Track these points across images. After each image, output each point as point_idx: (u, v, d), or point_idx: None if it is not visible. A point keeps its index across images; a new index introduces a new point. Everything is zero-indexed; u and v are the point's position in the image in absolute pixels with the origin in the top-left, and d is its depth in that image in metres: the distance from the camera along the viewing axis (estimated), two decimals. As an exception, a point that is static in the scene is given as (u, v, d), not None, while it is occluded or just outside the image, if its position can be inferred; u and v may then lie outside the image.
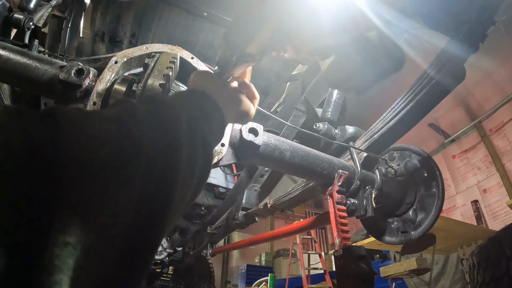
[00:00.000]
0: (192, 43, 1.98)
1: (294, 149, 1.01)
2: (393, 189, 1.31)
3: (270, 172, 1.60)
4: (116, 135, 0.29)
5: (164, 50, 0.87)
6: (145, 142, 0.31)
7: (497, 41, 4.12)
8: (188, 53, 0.92)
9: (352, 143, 1.27)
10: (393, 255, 4.60)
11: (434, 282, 4.05)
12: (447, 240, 3.23)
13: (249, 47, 0.54)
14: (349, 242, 0.97)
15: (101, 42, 2.01)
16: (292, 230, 1.82)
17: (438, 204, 1.24)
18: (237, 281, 7.33)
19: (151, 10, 1.81)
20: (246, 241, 2.39)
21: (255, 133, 0.90)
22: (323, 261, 5.57)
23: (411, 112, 1.08)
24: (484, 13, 0.94)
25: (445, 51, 1.02)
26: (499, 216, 5.01)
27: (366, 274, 0.87)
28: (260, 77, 2.22)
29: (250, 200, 1.57)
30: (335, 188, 1.05)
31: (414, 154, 1.35)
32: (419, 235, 1.25)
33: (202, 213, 2.94)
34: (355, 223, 5.99)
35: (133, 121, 0.32)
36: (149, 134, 0.33)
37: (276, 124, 1.84)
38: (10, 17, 1.02)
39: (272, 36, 0.53)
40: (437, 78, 1.01)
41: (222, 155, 0.84)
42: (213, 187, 2.82)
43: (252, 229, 3.23)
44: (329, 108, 1.36)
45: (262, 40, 0.53)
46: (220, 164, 0.87)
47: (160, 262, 3.21)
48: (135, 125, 0.32)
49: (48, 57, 0.81)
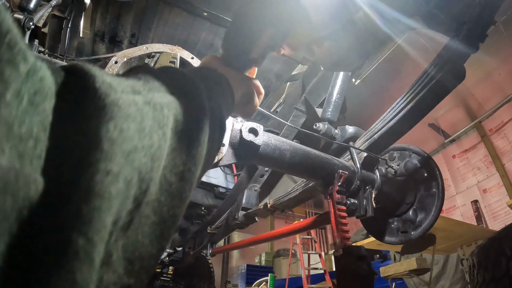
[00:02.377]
0: (192, 43, 1.98)
1: (294, 149, 1.01)
2: (393, 189, 1.31)
3: (270, 172, 1.60)
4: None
5: (164, 50, 0.87)
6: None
7: (497, 41, 4.12)
8: (188, 53, 0.92)
9: (352, 143, 1.27)
10: (393, 255, 4.60)
11: (434, 282, 4.05)
12: (447, 240, 3.23)
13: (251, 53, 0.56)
14: (349, 242, 0.97)
15: (101, 42, 2.01)
16: (292, 230, 1.82)
17: (438, 204, 1.24)
18: (237, 281, 7.33)
19: (151, 10, 1.81)
20: (246, 241, 2.39)
21: (255, 133, 0.90)
22: (323, 261, 5.57)
23: (411, 112, 1.08)
24: (484, 13, 0.94)
25: (445, 51, 1.02)
26: (499, 216, 5.01)
27: (366, 274, 0.87)
28: (260, 77, 2.23)
29: (250, 200, 1.57)
30: (335, 188, 1.05)
31: (414, 154, 1.35)
32: (419, 235, 1.25)
33: (202, 213, 2.94)
34: (355, 223, 5.99)
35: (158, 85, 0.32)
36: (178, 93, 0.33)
37: (276, 124, 1.84)
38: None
39: (272, 37, 0.54)
40: (437, 78, 1.01)
41: (222, 155, 0.84)
42: (213, 187, 2.82)
43: (252, 229, 3.23)
44: (329, 108, 1.36)
45: (263, 44, 0.54)
46: (220, 164, 0.87)
47: (160, 262, 3.22)
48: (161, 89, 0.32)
49: (48, 57, 0.81)
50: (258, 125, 0.92)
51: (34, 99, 0.19)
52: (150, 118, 0.27)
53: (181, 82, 0.36)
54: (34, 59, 0.20)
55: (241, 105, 0.61)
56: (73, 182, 0.21)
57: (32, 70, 0.19)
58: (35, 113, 0.19)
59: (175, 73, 0.38)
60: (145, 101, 0.27)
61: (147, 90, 0.29)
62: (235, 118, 0.92)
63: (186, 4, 1.77)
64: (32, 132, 0.19)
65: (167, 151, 0.29)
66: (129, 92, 0.26)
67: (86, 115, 0.22)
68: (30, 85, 0.19)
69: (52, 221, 0.19)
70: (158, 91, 0.31)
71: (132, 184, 0.24)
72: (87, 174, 0.21)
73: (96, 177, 0.21)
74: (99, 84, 0.24)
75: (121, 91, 0.25)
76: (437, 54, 1.05)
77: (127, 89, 0.26)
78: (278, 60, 2.10)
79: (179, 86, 0.34)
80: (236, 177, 2.76)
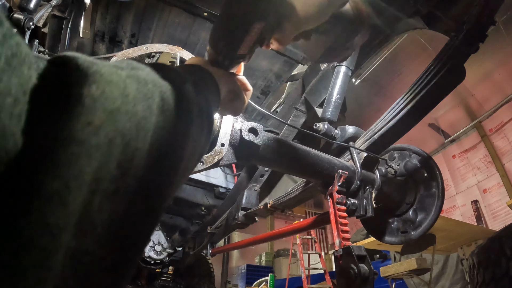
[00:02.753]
0: (192, 43, 1.98)
1: (294, 149, 1.01)
2: (393, 189, 1.31)
3: (270, 172, 1.60)
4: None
5: (164, 50, 0.87)
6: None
7: (497, 41, 4.12)
8: (188, 53, 0.92)
9: (352, 143, 1.27)
10: (393, 255, 4.60)
11: (434, 282, 4.05)
12: (447, 240, 3.23)
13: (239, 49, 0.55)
14: (349, 242, 0.97)
15: (101, 42, 2.01)
16: (292, 230, 1.82)
17: (438, 204, 1.24)
18: (237, 281, 7.33)
19: (151, 10, 1.81)
20: (246, 241, 2.39)
21: (255, 133, 0.90)
22: (323, 261, 5.57)
23: (411, 112, 1.08)
24: (484, 13, 0.94)
25: (445, 51, 1.02)
26: (499, 216, 5.01)
27: (366, 274, 0.87)
28: (260, 77, 2.22)
29: (250, 200, 1.57)
30: (335, 188, 1.05)
31: (414, 154, 1.35)
32: (419, 235, 1.25)
33: (202, 213, 2.95)
34: (355, 223, 5.99)
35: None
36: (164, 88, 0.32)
37: (276, 124, 1.84)
38: (10, 17, 1.02)
39: (260, 32, 0.53)
40: (437, 78, 1.01)
41: (222, 155, 0.84)
42: (213, 187, 2.82)
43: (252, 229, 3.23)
44: (329, 108, 1.35)
45: (251, 39, 0.54)
46: (220, 164, 0.87)
47: (160, 262, 3.22)
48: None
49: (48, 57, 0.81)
50: (258, 125, 0.92)
51: (11, 61, 0.19)
52: (134, 89, 0.27)
53: (166, 70, 0.36)
54: (9, 25, 0.20)
55: (228, 102, 0.61)
56: (53, 135, 0.21)
57: (9, 34, 0.20)
58: (13, 75, 0.19)
59: (159, 64, 0.38)
60: (128, 75, 0.27)
61: (131, 68, 0.29)
62: (235, 118, 0.93)
63: (186, 4, 1.77)
64: (11, 91, 0.19)
65: (153, 128, 0.28)
66: (112, 67, 0.26)
67: (69, 83, 0.22)
68: (7, 47, 0.19)
69: (28, 166, 0.19)
70: (142, 70, 0.31)
71: (115, 144, 0.24)
72: (67, 126, 0.21)
73: (76, 126, 0.21)
74: (82, 60, 0.24)
75: (104, 65, 0.25)
76: (437, 54, 1.05)
77: (110, 65, 0.26)
78: (278, 60, 2.10)
79: (164, 73, 0.34)
80: (236, 177, 2.76)
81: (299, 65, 2.15)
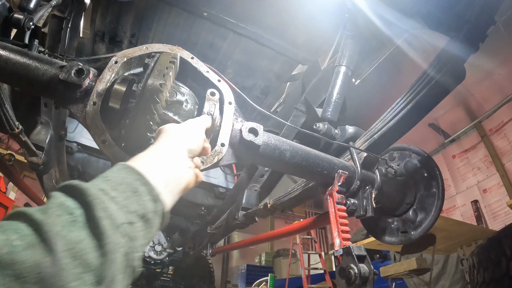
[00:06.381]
0: (192, 43, 1.98)
1: (294, 149, 1.01)
2: (393, 189, 1.31)
3: (270, 172, 1.60)
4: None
5: (164, 50, 0.86)
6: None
7: (497, 41, 4.12)
8: (188, 53, 0.92)
9: (352, 143, 1.27)
10: (393, 255, 4.60)
11: (434, 282, 4.05)
12: (447, 240, 3.23)
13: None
14: (349, 242, 0.97)
15: (101, 42, 2.01)
16: (292, 230, 1.82)
17: (438, 204, 1.24)
18: (237, 281, 7.33)
19: (151, 10, 1.81)
20: (246, 241, 2.39)
21: (255, 133, 0.90)
22: (323, 261, 5.58)
23: (411, 112, 1.08)
24: (484, 13, 0.94)
25: (445, 51, 1.02)
26: (499, 216, 5.01)
27: (366, 274, 0.87)
28: (260, 77, 2.22)
29: (250, 200, 1.58)
30: (335, 188, 1.05)
31: (414, 154, 1.35)
32: (419, 235, 1.25)
33: (202, 213, 2.94)
34: (355, 223, 5.98)
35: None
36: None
37: (276, 124, 1.84)
38: (10, 17, 1.02)
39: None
40: (437, 78, 1.01)
41: (222, 155, 0.84)
42: (213, 187, 2.82)
43: (252, 229, 3.23)
44: (329, 108, 1.35)
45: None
46: (220, 164, 0.87)
47: (160, 262, 3.22)
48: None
49: (48, 57, 0.81)
50: (258, 125, 0.92)
51: None
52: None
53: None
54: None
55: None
56: None
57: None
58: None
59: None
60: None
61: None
62: (235, 118, 0.92)
63: (186, 4, 1.77)
64: None
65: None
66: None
67: None
68: None
69: None
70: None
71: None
72: None
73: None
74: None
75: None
76: (437, 54, 1.05)
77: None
78: (278, 60, 2.10)
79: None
80: (236, 177, 2.76)
81: (299, 65, 2.14)
